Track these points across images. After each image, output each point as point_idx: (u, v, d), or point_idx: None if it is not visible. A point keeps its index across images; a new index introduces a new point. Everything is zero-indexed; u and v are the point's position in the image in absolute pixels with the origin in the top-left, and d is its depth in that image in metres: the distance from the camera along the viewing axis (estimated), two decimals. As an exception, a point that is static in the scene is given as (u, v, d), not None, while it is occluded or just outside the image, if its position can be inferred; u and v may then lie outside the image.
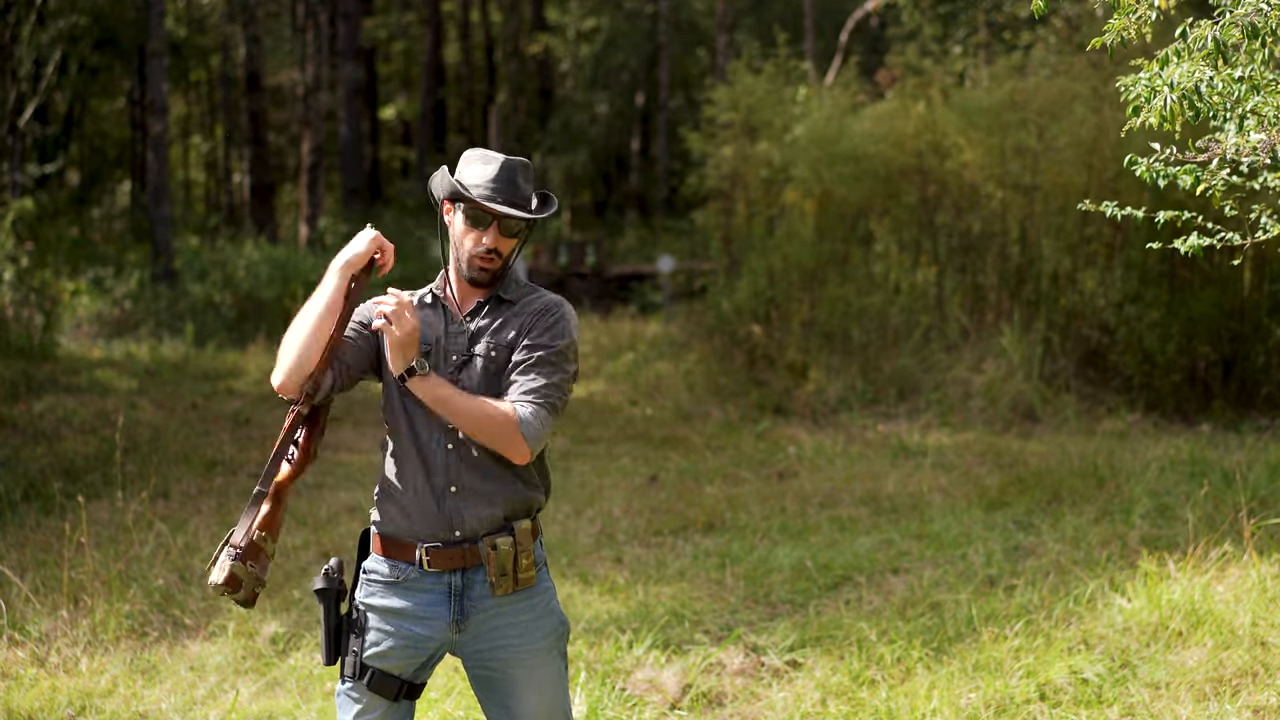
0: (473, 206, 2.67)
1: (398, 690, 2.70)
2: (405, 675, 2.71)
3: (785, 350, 10.89)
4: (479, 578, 2.70)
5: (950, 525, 6.38)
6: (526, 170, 2.71)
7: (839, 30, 19.31)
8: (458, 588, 2.69)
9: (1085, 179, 10.10)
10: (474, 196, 2.64)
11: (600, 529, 6.57)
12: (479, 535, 2.69)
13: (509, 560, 2.68)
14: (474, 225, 2.68)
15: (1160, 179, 3.31)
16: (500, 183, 2.66)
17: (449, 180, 2.68)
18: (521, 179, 2.69)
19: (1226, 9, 2.87)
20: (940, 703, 4.09)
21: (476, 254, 2.68)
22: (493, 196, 2.65)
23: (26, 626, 4.75)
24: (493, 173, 2.67)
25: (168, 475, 7.51)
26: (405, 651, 2.69)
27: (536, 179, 3.01)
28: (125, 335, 13.75)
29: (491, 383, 2.70)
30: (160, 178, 15.82)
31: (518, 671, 2.73)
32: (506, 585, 2.68)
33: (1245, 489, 5.99)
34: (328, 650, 2.73)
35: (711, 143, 12.78)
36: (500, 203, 2.65)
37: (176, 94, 31.15)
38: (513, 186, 2.67)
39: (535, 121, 28.69)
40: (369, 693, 2.69)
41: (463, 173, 2.71)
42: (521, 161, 2.71)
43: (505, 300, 2.76)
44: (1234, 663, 4.19)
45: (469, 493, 2.68)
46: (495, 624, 2.71)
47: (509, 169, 2.68)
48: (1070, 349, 9.99)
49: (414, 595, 2.69)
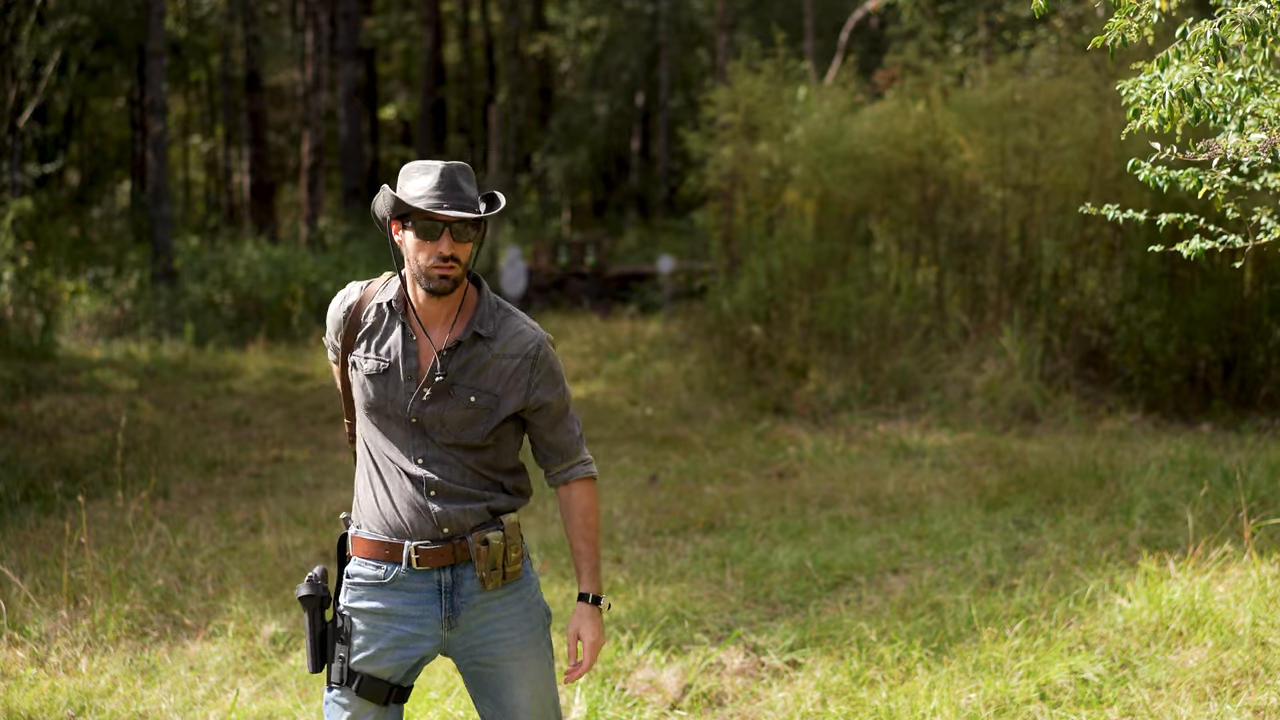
0: (421, 217, 2.62)
1: (388, 694, 2.70)
2: (395, 679, 2.71)
3: (785, 350, 10.88)
4: (468, 574, 2.71)
5: (950, 525, 6.38)
6: (466, 172, 2.67)
7: (839, 30, 19.31)
8: (447, 585, 2.70)
9: (1087, 179, 10.09)
10: (421, 207, 2.60)
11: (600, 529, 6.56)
12: (467, 530, 2.69)
13: (499, 554, 2.68)
14: (425, 237, 2.63)
15: (1162, 182, 3.31)
16: (444, 189, 2.62)
17: (390, 197, 2.65)
18: (463, 181, 2.65)
19: (1227, 8, 2.87)
20: (940, 703, 4.09)
21: (433, 265, 2.63)
22: (439, 203, 2.61)
23: (26, 626, 4.75)
24: (433, 181, 2.63)
25: (168, 475, 7.51)
26: (395, 654, 2.69)
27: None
28: (125, 335, 13.74)
29: (474, 427, 2.69)
30: (160, 178, 15.81)
31: (510, 665, 2.74)
32: (497, 579, 2.69)
33: (1245, 489, 5.99)
34: (313, 657, 2.73)
35: (711, 143, 12.77)
36: (448, 208, 2.61)
37: (176, 94, 31.14)
38: (456, 190, 2.63)
39: (535, 121, 28.70)
40: (358, 699, 2.68)
41: (404, 188, 2.66)
42: (459, 165, 2.68)
43: (483, 337, 2.72)
44: (1234, 663, 4.20)
45: (449, 494, 2.69)
46: (486, 618, 2.72)
47: (449, 174, 2.64)
48: (1070, 349, 9.99)
49: (402, 595, 2.69)
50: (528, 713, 2.77)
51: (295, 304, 14.62)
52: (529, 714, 2.77)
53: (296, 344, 13.66)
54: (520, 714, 2.76)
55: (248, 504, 7.01)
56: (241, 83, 23.88)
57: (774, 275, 11.29)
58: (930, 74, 11.59)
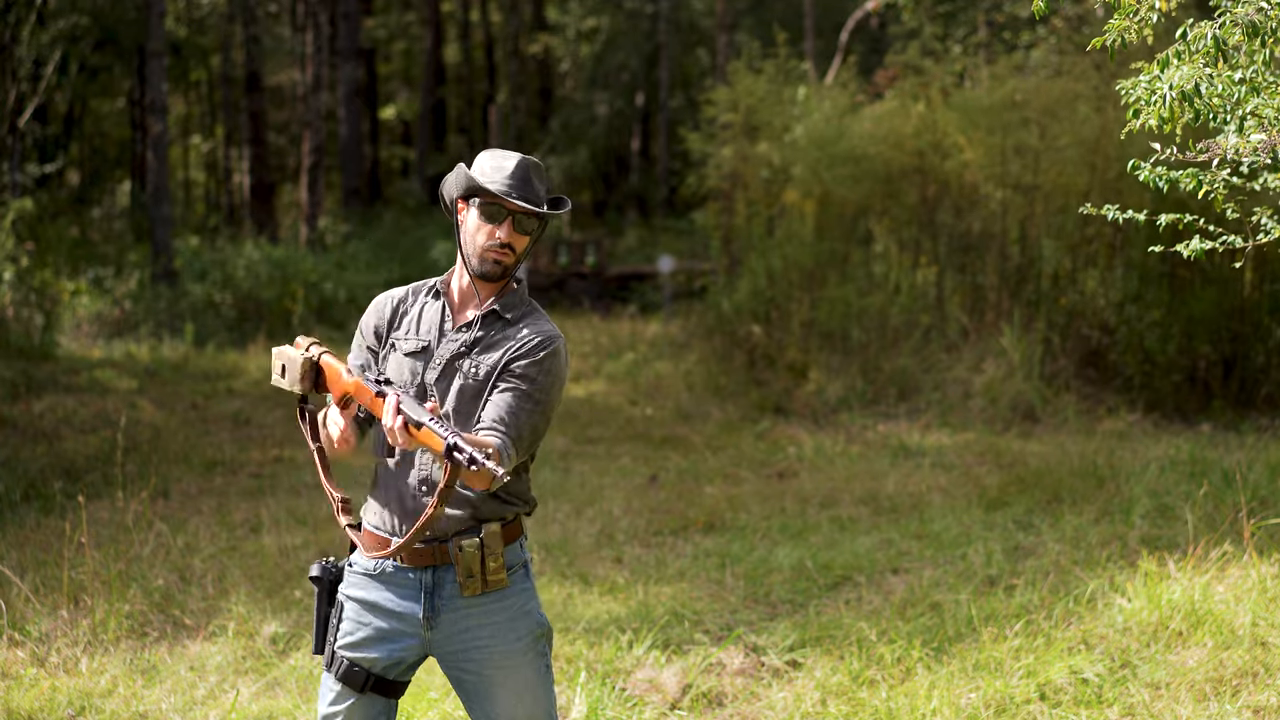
0: (490, 201, 2.71)
1: (364, 682, 2.72)
2: (375, 669, 2.73)
3: (785, 350, 10.89)
4: (449, 576, 2.72)
5: (950, 525, 6.38)
6: (540, 171, 2.76)
7: (839, 30, 19.30)
8: (429, 585, 2.72)
9: (1088, 179, 10.09)
10: (492, 190, 2.68)
11: (600, 529, 6.57)
12: (449, 534, 2.71)
13: (475, 562, 2.69)
14: (489, 220, 2.71)
15: (1162, 183, 3.31)
16: (516, 179, 2.71)
17: (465, 176, 2.72)
18: (536, 178, 2.74)
19: (1227, 8, 2.87)
20: (940, 703, 4.09)
21: (490, 247, 2.71)
22: (509, 192, 2.70)
23: (26, 626, 4.75)
24: (510, 169, 2.72)
25: (168, 475, 7.51)
26: (376, 644, 2.73)
27: (550, 195, 3.05)
28: (125, 335, 13.74)
29: (466, 405, 2.70)
30: (160, 178, 15.81)
31: (493, 673, 2.74)
32: (474, 586, 2.70)
33: (1245, 489, 5.99)
34: (317, 639, 2.80)
35: (711, 143, 12.77)
36: (516, 198, 2.69)
37: (176, 94, 31.13)
38: (528, 184, 2.72)
39: (535, 121, 28.68)
40: (339, 683, 2.74)
41: (480, 168, 2.75)
42: (535, 162, 2.75)
43: (504, 318, 2.77)
44: (1234, 663, 4.20)
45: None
46: (467, 624, 2.73)
47: (524, 167, 2.73)
48: (1070, 349, 9.99)
49: (389, 589, 2.74)
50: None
51: (295, 304, 14.62)
52: None
53: (297, 344, 13.63)
54: None
55: (248, 504, 7.01)
56: (241, 83, 23.87)
57: (774, 275, 11.29)
58: (931, 74, 11.59)
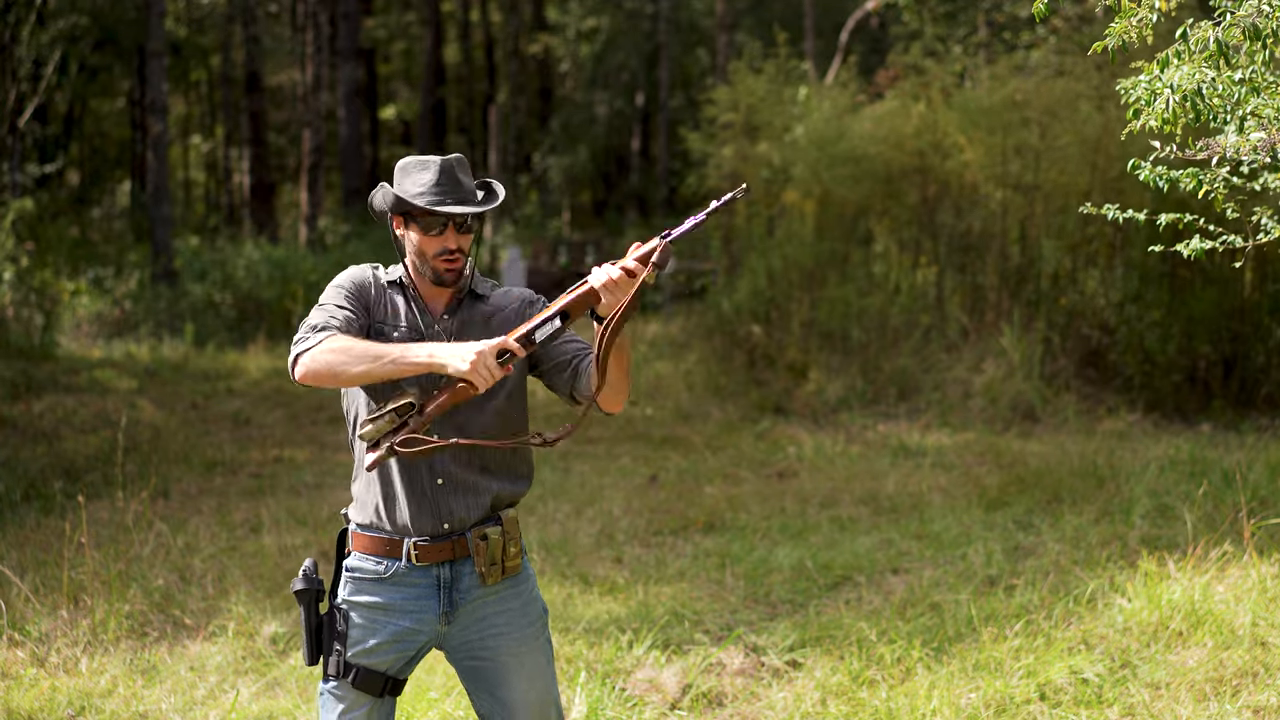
0: (424, 214, 2.68)
1: (383, 686, 2.72)
2: (391, 671, 2.73)
3: (785, 350, 10.88)
4: (467, 569, 2.73)
5: (950, 525, 6.38)
6: (463, 165, 2.74)
7: (839, 30, 19.30)
8: (446, 580, 2.72)
9: (1088, 179, 10.09)
10: (423, 205, 2.66)
11: (600, 529, 6.57)
12: (467, 527, 2.72)
13: (498, 550, 2.71)
14: (428, 232, 2.70)
15: (1163, 183, 3.31)
16: (444, 184, 2.69)
17: (392, 195, 2.70)
18: (462, 175, 2.72)
19: (1228, 10, 2.87)
20: (940, 703, 4.09)
21: (440, 257, 2.70)
22: (440, 199, 2.67)
23: (26, 626, 4.75)
24: (433, 177, 2.69)
25: (168, 475, 7.51)
26: (393, 647, 2.72)
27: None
28: (125, 335, 13.75)
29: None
30: (160, 178, 15.81)
31: (508, 659, 2.76)
32: (496, 574, 2.72)
33: (1245, 489, 5.99)
34: (309, 650, 2.75)
35: (711, 143, 12.77)
36: (450, 203, 2.67)
37: (176, 94, 31.14)
38: (456, 184, 2.70)
39: (535, 121, 28.70)
40: (354, 690, 2.71)
41: (403, 184, 2.71)
42: (457, 158, 2.73)
43: (479, 295, 2.81)
44: (1234, 663, 4.20)
45: (455, 485, 2.71)
46: (484, 613, 2.74)
47: (447, 168, 2.70)
48: (1070, 349, 9.99)
49: (402, 590, 2.72)
50: (526, 707, 2.78)
51: (295, 304, 14.62)
52: (527, 708, 2.78)
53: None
54: (518, 708, 2.77)
55: (248, 504, 7.01)
56: (241, 83, 23.88)
57: (774, 275, 11.29)
58: (931, 74, 11.59)
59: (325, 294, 2.74)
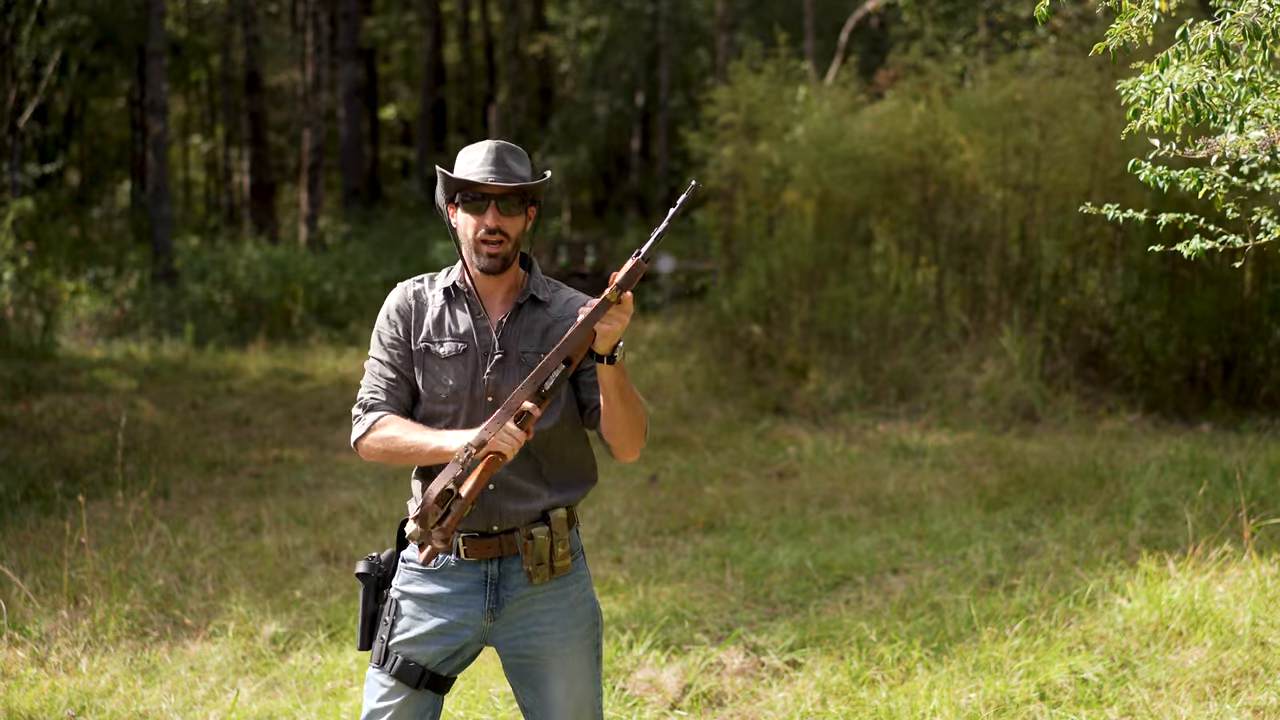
0: (468, 191, 2.69)
1: (419, 678, 2.73)
2: (431, 665, 2.73)
3: (785, 350, 10.88)
4: (515, 566, 2.74)
5: (950, 525, 6.38)
6: (516, 153, 2.73)
7: (839, 30, 19.30)
8: (494, 577, 2.73)
9: (1089, 178, 10.09)
10: (464, 177, 2.67)
11: (600, 529, 6.57)
12: (517, 526, 2.73)
13: (545, 549, 2.72)
14: (473, 212, 2.69)
15: (1163, 183, 3.31)
16: (491, 164, 2.68)
17: (443, 176, 2.72)
18: (511, 159, 2.71)
19: (1228, 10, 2.87)
20: (940, 703, 4.09)
21: (481, 238, 2.69)
22: (485, 177, 2.67)
23: (26, 626, 4.75)
24: (481, 156, 2.70)
25: (168, 475, 7.51)
26: (435, 639, 2.73)
27: (536, 177, 2.99)
28: (125, 335, 13.74)
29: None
30: (160, 178, 15.81)
31: (550, 659, 2.77)
32: (544, 574, 2.73)
33: (1245, 489, 5.99)
34: (362, 635, 2.80)
35: (711, 143, 12.77)
36: (493, 180, 2.67)
37: (176, 94, 31.13)
38: (503, 166, 2.69)
39: (535, 121, 28.67)
40: (392, 679, 2.73)
41: (455, 166, 2.74)
42: (510, 145, 2.73)
43: (540, 302, 2.78)
44: (1234, 663, 4.20)
45: (508, 490, 2.72)
46: (530, 610, 2.75)
47: (496, 150, 2.70)
48: (1070, 349, 9.99)
49: (450, 583, 2.74)
50: (563, 708, 2.78)
51: (295, 304, 14.62)
52: (565, 709, 2.79)
53: (296, 344, 13.66)
54: (555, 708, 2.78)
55: (248, 504, 7.02)
56: (241, 83, 23.87)
57: (774, 275, 11.29)
58: (931, 74, 11.59)
59: (373, 339, 2.80)
